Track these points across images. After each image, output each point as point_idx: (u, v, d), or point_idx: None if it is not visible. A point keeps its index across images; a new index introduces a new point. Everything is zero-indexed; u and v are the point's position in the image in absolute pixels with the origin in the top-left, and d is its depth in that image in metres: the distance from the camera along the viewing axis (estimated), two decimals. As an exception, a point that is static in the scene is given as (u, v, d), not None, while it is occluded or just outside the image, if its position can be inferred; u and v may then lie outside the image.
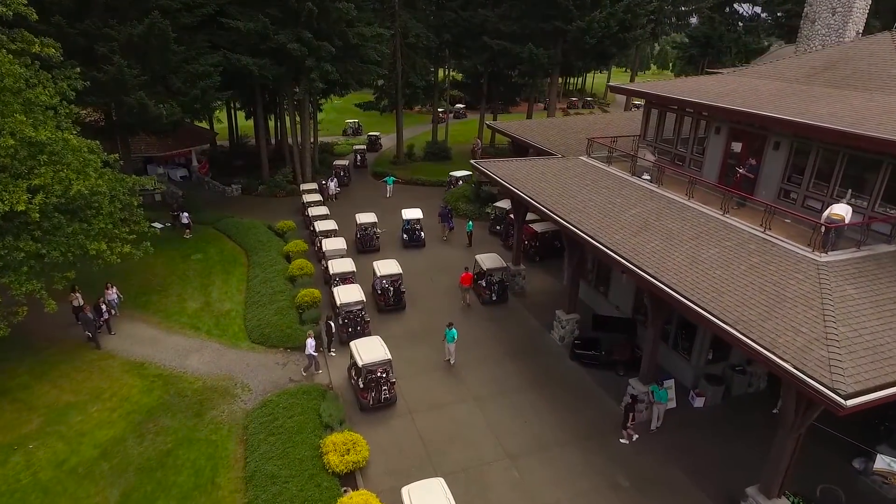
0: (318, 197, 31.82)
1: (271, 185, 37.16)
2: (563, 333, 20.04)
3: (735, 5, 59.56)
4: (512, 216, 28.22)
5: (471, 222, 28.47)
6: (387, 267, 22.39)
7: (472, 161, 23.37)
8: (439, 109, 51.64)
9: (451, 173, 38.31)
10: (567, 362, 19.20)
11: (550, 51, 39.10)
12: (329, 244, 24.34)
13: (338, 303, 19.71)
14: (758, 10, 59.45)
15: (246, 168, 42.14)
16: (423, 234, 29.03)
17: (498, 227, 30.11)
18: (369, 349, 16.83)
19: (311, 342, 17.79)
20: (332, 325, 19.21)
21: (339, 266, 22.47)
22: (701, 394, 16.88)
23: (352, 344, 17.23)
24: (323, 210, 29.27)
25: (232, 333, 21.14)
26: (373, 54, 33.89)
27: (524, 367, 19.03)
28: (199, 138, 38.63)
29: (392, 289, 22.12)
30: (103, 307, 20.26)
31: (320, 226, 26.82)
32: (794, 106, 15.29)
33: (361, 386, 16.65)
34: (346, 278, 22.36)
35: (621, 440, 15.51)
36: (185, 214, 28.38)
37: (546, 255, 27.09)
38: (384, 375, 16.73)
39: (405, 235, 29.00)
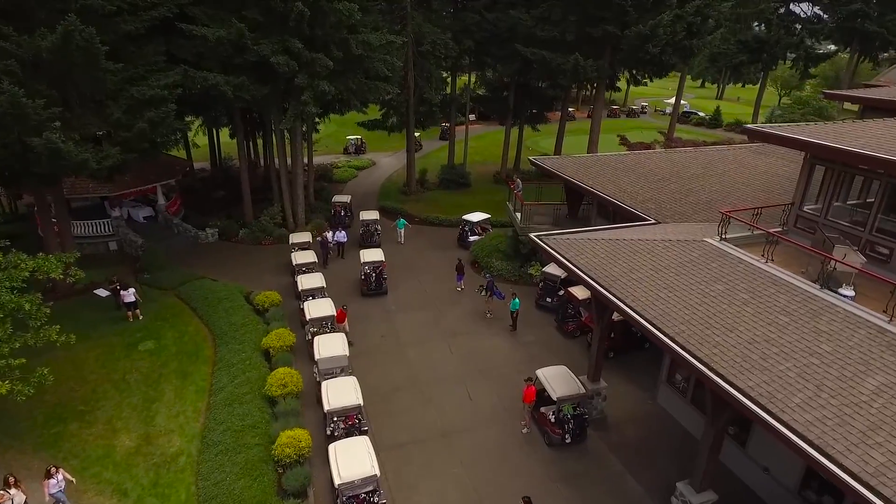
0: (311, 257, 24.18)
1: (255, 230, 29.85)
2: (690, 522, 12.74)
3: (791, 6, 52.04)
4: (571, 290, 21.03)
5: (517, 299, 21.01)
6: (371, 255, 23.94)
7: (530, 235, 16.01)
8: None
9: (464, 217, 30.35)
10: (705, 582, 11.94)
11: (599, 61, 31.78)
12: (324, 347, 16.88)
13: (336, 480, 12.36)
14: (817, 10, 52.05)
15: (229, 201, 34.89)
16: (470, 236, 29.24)
17: (549, 300, 22.72)
18: None
19: None
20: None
21: (336, 396, 14.80)
22: None
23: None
24: (317, 281, 21.69)
25: (175, 505, 13.90)
26: (381, 68, 26.54)
27: (638, 593, 11.74)
28: (169, 171, 31.02)
29: (374, 274, 23.62)
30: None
31: (313, 310, 19.33)
32: None
33: None
34: (348, 414, 14.98)
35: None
36: (131, 291, 20.96)
37: (622, 348, 19.75)
38: None
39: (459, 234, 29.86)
